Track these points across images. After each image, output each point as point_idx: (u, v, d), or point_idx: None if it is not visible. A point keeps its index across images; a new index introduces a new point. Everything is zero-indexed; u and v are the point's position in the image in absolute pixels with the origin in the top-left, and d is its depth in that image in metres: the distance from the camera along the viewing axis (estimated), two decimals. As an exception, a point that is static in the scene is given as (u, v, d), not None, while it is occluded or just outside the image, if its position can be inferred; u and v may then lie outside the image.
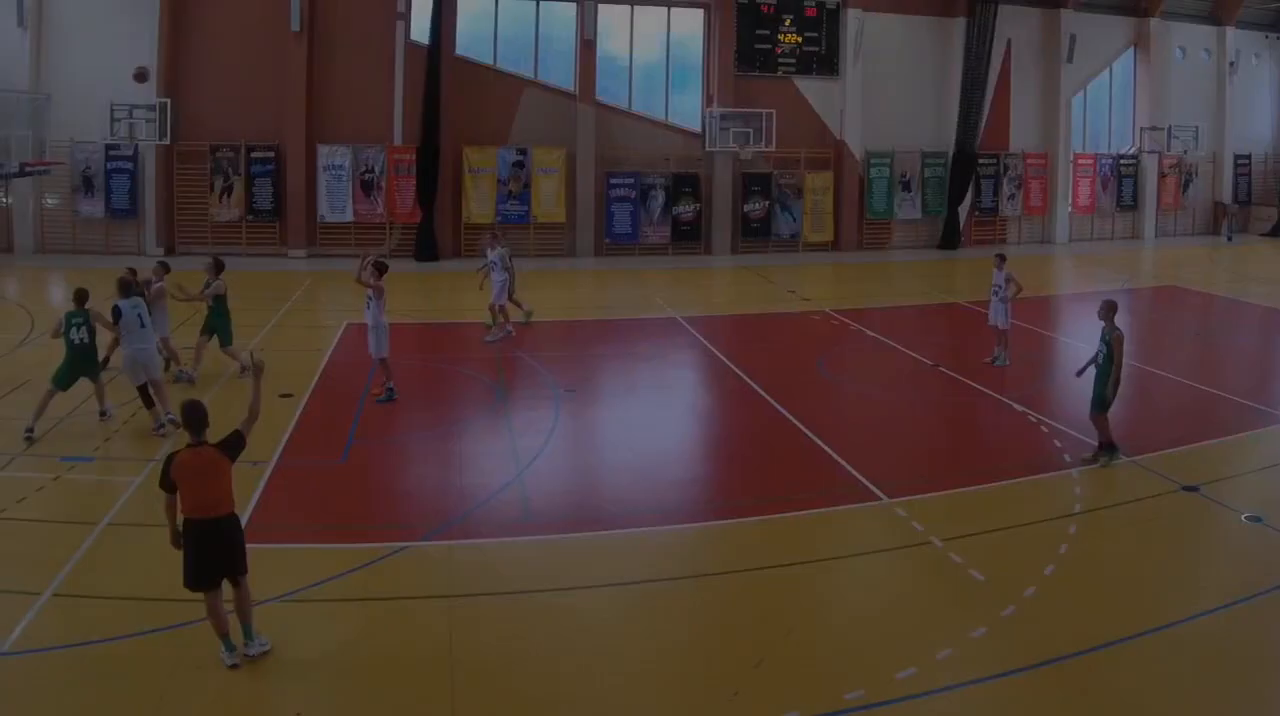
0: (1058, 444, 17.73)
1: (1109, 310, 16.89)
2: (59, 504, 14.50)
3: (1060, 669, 10.32)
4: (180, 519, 10.34)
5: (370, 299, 20.09)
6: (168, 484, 10.29)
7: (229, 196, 40.25)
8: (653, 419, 20.02)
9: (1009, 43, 45.72)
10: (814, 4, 44.01)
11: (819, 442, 17.74)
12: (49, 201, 39.77)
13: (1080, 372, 17.64)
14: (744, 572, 12.68)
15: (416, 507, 14.95)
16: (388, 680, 10.12)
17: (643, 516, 14.58)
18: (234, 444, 10.53)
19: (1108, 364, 16.63)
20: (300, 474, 15.99)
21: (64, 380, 18.05)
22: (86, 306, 18.32)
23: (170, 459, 10.31)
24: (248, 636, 10.41)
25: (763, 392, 20.88)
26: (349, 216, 40.52)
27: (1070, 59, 46.57)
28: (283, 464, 16.27)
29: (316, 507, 14.81)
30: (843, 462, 16.66)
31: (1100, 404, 16.70)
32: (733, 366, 23.29)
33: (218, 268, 21.64)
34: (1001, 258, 24.02)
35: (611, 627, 11.33)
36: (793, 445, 17.81)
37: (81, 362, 18.24)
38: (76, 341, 18.06)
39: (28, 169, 26.74)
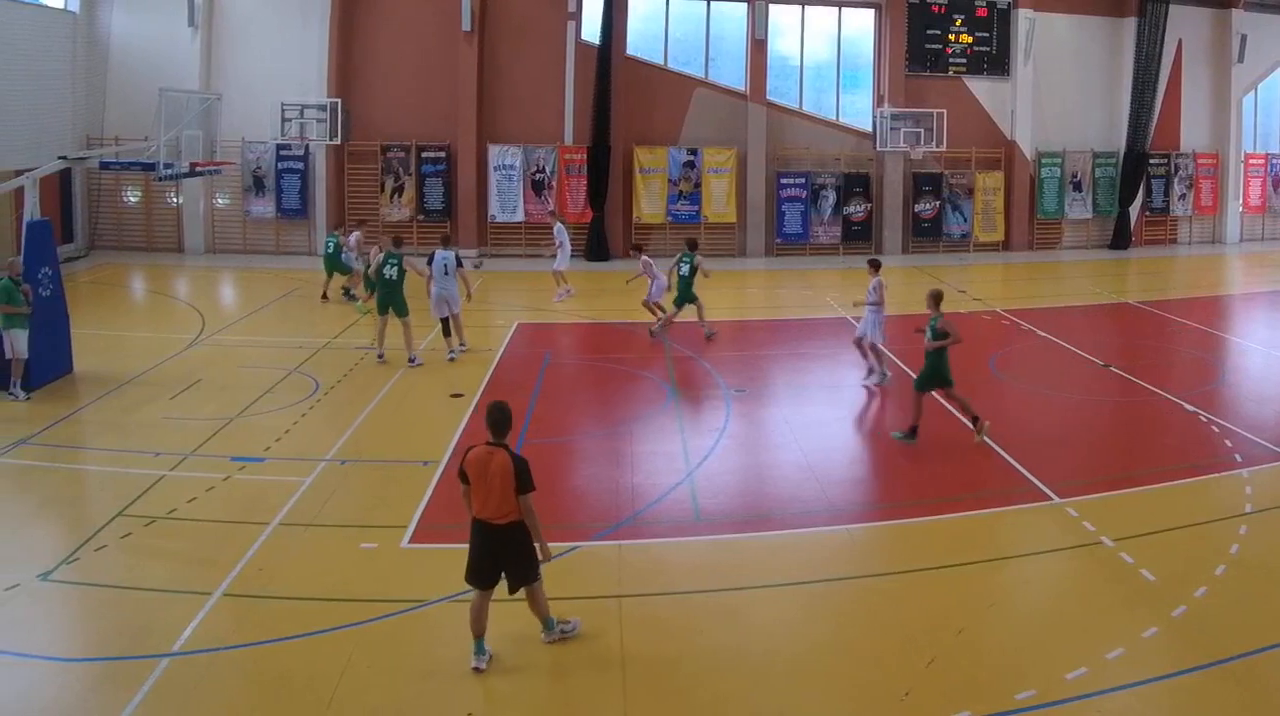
0: (1228, 444, 15.54)
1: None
2: (229, 504, 12.90)
3: (1232, 669, 9.05)
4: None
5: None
6: (461, 475, 9.11)
7: (400, 196, 34.06)
8: (823, 419, 17.47)
9: (1179, 43, 37.95)
10: (985, 4, 36.71)
11: (990, 443, 15.52)
12: (220, 201, 34.28)
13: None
14: (915, 572, 11.25)
15: (587, 507, 13.24)
16: (559, 680, 9.09)
17: (813, 516, 13.04)
18: (525, 480, 8.92)
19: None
20: None
21: (380, 308, 19.95)
22: (400, 250, 20.15)
23: (467, 451, 9.13)
24: (547, 627, 9.39)
25: (932, 393, 17.10)
26: (520, 216, 34.15)
27: (1241, 59, 38.58)
28: (454, 464, 13.54)
29: None
30: (1014, 463, 14.70)
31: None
32: (903, 366, 19.81)
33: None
34: (874, 264, 19.48)
35: (782, 628, 10.04)
36: (964, 445, 15.63)
37: (388, 295, 19.82)
38: (388, 276, 19.73)
39: (198, 169, 22.01)
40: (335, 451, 14.78)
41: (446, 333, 20.70)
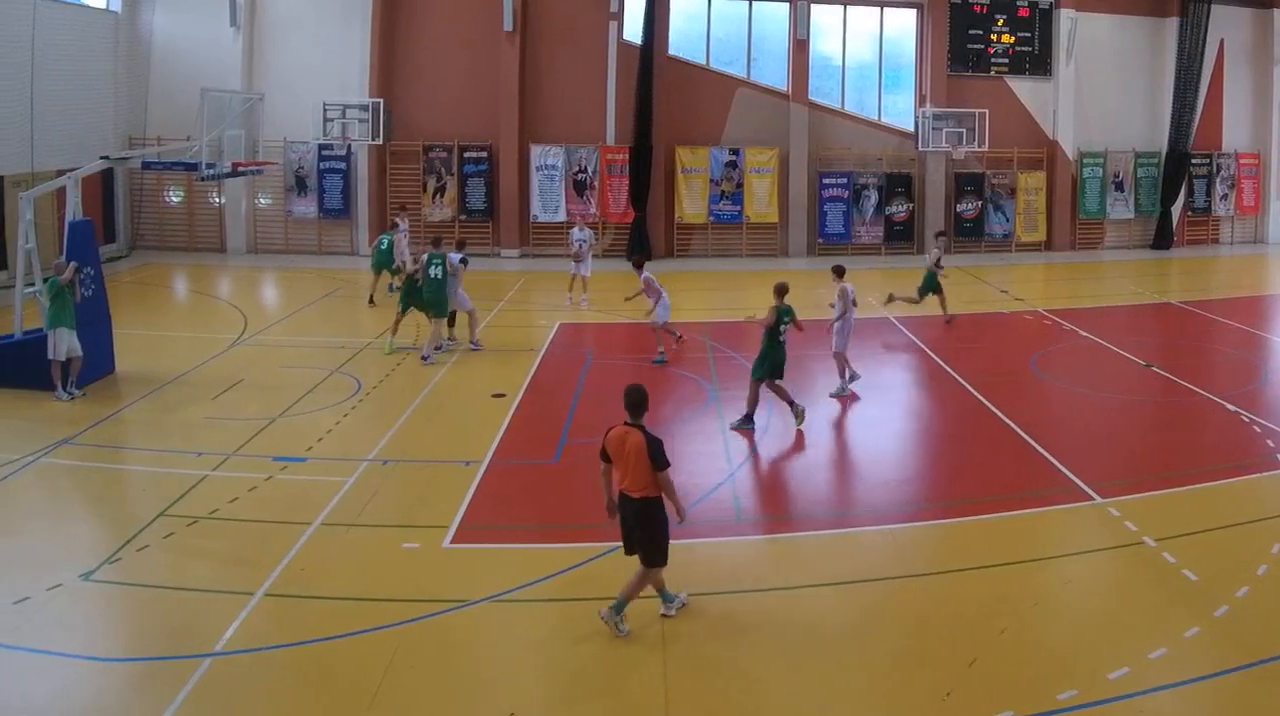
0: (1270, 444, 14.89)
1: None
2: (271, 504, 12.38)
3: (1275, 669, 8.69)
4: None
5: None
6: (602, 453, 9.47)
7: (442, 196, 32.65)
8: (865, 418, 16.94)
9: (1221, 43, 36.18)
10: (1027, 4, 35.08)
11: (1032, 443, 14.96)
12: (262, 201, 32.97)
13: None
14: (957, 572, 10.70)
15: None
16: (601, 679, 8.70)
17: (855, 516, 12.64)
18: (659, 458, 9.15)
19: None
20: (513, 474, 13.81)
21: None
22: (441, 249, 19.87)
23: (608, 431, 9.47)
24: (614, 608, 9.26)
25: (975, 392, 17.66)
26: (562, 216, 32.55)
27: (1283, 58, 36.99)
28: (495, 464, 14.00)
29: (529, 508, 12.76)
30: (1056, 463, 14.08)
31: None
32: (945, 366, 19.69)
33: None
34: (838, 270, 18.36)
35: (824, 627, 9.58)
36: (1006, 445, 15.10)
37: (433, 294, 19.46)
38: (433, 276, 19.41)
39: (240, 169, 21.19)
40: (377, 451, 14.29)
41: (451, 323, 20.54)
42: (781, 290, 15.66)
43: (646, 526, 9.26)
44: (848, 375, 17.81)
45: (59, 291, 16.51)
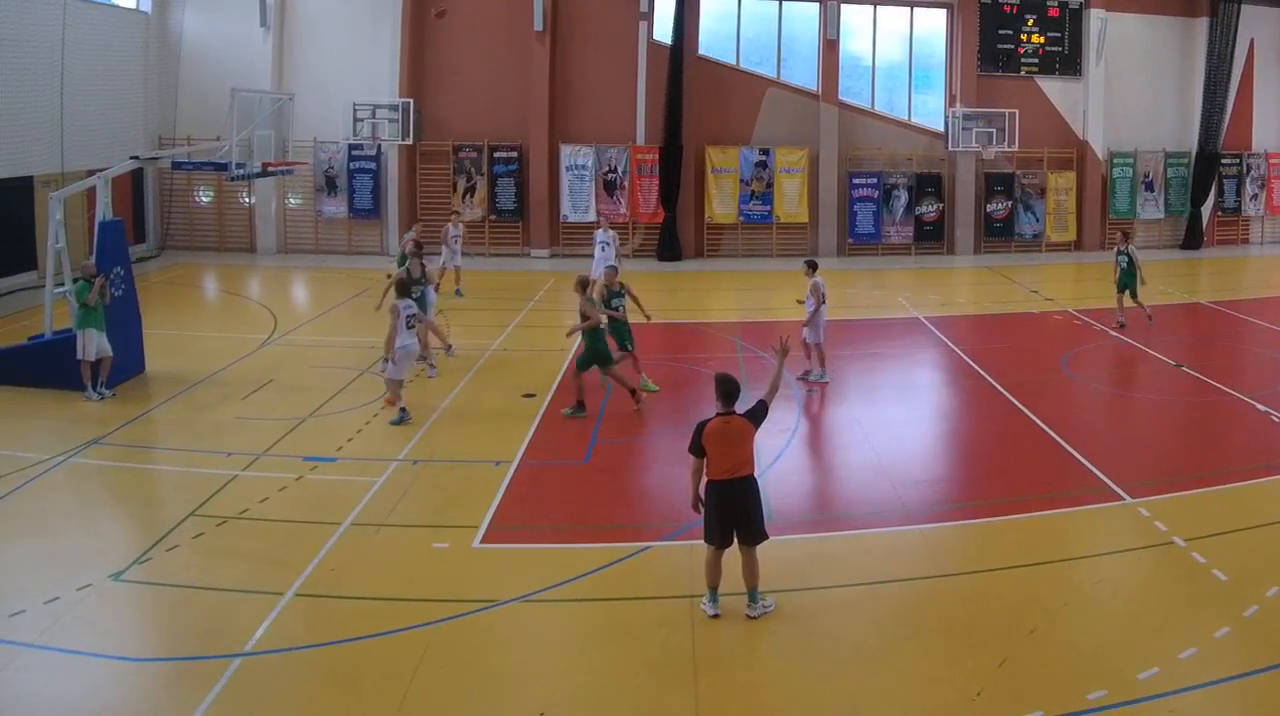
0: None
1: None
2: (301, 504, 12.06)
3: None
4: (704, 482, 9.29)
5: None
6: (698, 449, 9.28)
7: (471, 196, 31.61)
8: (894, 418, 16.35)
9: (1251, 42, 34.84)
10: (1057, 4, 33.82)
11: (1062, 443, 14.45)
12: (292, 201, 32.08)
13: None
14: (986, 572, 10.43)
15: (659, 507, 12.32)
16: (631, 680, 8.44)
17: (885, 517, 12.03)
18: (759, 413, 9.43)
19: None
20: (543, 474, 13.35)
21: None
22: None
23: (702, 427, 9.32)
24: (751, 600, 9.35)
25: (1005, 392, 17.15)
26: (592, 216, 31.31)
27: (1313, 58, 35.51)
28: (525, 464, 13.53)
29: (559, 508, 12.32)
30: (1086, 463, 13.59)
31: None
32: (975, 366, 19.08)
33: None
34: (811, 264, 17.92)
35: (854, 628, 9.34)
36: (1036, 445, 14.62)
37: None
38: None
39: (270, 169, 20.58)
40: (407, 451, 13.96)
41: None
42: (583, 283, 15.95)
43: (751, 505, 9.30)
44: (817, 363, 17.70)
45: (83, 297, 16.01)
